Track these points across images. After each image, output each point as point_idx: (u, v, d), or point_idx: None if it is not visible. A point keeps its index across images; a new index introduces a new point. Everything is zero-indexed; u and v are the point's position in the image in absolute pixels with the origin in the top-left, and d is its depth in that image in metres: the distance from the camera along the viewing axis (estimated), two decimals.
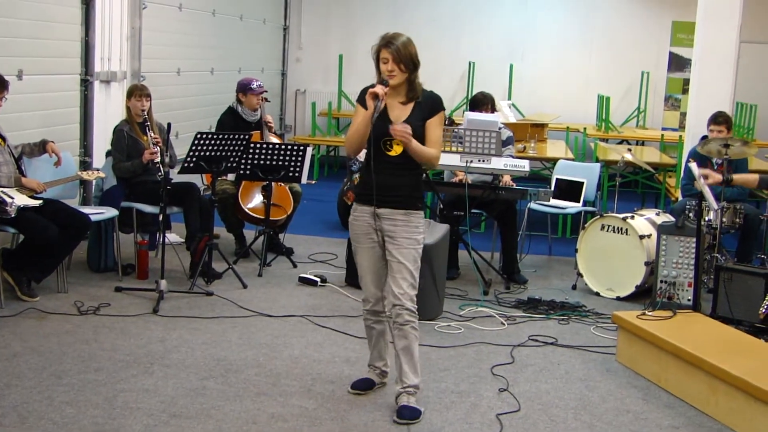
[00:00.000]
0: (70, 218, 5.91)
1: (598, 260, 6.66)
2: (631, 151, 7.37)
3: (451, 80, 12.84)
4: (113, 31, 7.99)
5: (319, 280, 6.55)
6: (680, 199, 7.39)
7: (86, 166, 7.45)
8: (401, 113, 4.27)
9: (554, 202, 7.49)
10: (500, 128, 6.77)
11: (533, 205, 7.47)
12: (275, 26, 13.11)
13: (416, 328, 4.26)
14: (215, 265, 6.50)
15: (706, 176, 6.02)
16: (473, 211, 6.81)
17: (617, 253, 6.53)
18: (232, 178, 7.13)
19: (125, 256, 6.71)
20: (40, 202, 5.75)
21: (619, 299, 6.50)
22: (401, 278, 4.22)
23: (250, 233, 7.41)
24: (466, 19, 13.02)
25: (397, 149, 4.25)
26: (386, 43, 4.20)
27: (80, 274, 6.50)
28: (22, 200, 5.64)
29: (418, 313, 4.27)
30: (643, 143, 12.32)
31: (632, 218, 6.55)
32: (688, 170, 6.80)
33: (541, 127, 10.21)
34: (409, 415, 4.20)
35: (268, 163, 6.83)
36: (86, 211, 6.29)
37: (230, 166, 6.47)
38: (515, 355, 5.22)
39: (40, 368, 4.61)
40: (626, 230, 6.49)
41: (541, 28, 13.08)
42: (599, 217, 6.69)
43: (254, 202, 7.20)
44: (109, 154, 6.98)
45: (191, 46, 9.97)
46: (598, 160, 8.85)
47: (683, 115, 11.97)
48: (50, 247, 5.73)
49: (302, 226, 8.27)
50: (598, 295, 6.61)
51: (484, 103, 7.13)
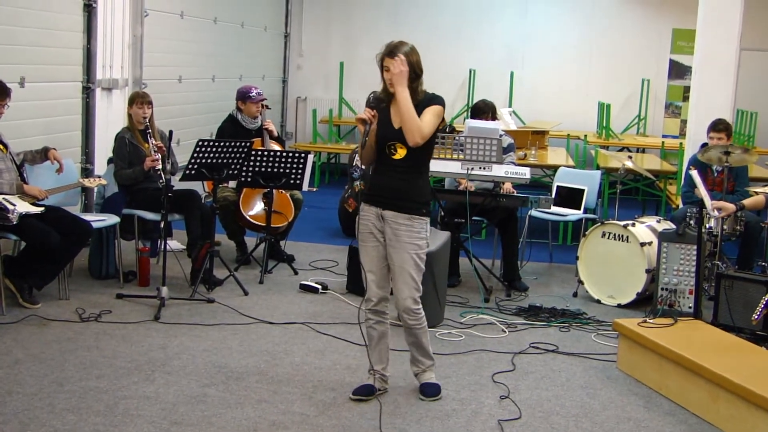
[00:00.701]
0: (71, 225, 5.91)
1: (598, 267, 6.66)
2: (631, 158, 7.39)
3: (451, 88, 12.85)
4: (115, 38, 8.01)
5: (320, 287, 6.55)
6: (681, 206, 7.39)
7: (88, 173, 7.46)
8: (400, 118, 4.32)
9: (555, 209, 7.51)
10: (501, 135, 6.78)
11: (534, 212, 7.48)
12: (276, 34, 13.14)
13: (422, 324, 4.48)
14: (216, 272, 6.51)
15: (720, 209, 6.11)
16: (474, 218, 6.82)
17: (618, 260, 6.53)
18: (233, 185, 7.14)
19: (126, 263, 6.72)
20: (41, 209, 5.76)
21: (620, 306, 6.50)
22: (403, 283, 4.34)
23: (251, 240, 7.42)
24: (466, 26, 13.04)
25: (401, 152, 4.31)
26: (389, 51, 4.25)
27: (81, 281, 6.50)
28: (23, 207, 5.65)
29: None
30: (643, 150, 12.33)
31: (633, 225, 6.56)
32: (688, 177, 6.82)
33: (541, 134, 10.23)
34: (432, 392, 4.55)
35: (269, 170, 6.84)
36: (88, 218, 6.29)
37: (231, 173, 6.48)
38: (516, 362, 5.22)
39: (41, 375, 4.61)
40: (627, 237, 6.49)
41: (541, 35, 13.10)
42: (600, 224, 6.70)
43: (255, 209, 7.21)
44: (110, 161, 6.99)
45: (192, 53, 9.99)
46: (598, 167, 8.85)
47: (684, 122, 11.98)
48: (52, 254, 5.73)
49: (303, 233, 8.28)
50: (599, 302, 6.61)
51: (485, 111, 7.14)
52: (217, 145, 6.27)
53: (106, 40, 7.83)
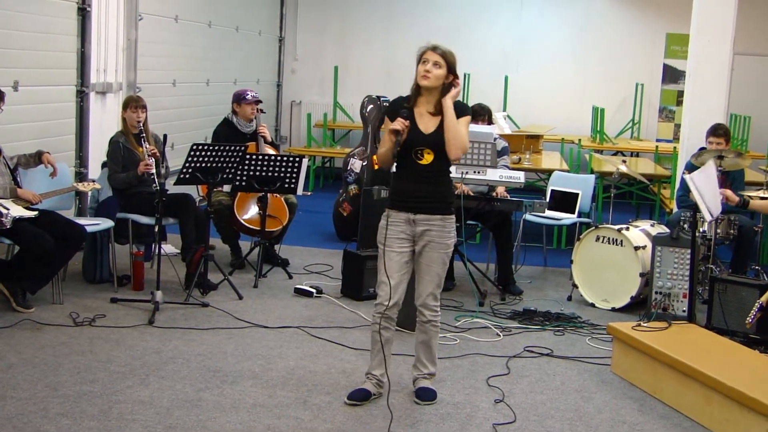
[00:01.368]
0: (65, 229, 5.90)
1: (593, 271, 6.67)
2: (625, 162, 7.39)
3: None
4: (109, 42, 8.01)
5: (314, 291, 6.55)
6: (675, 210, 7.41)
7: (82, 177, 7.46)
8: (429, 124, 4.40)
9: (549, 213, 7.52)
10: (495, 139, 6.79)
11: (528, 216, 7.48)
12: (271, 38, 13.15)
13: (437, 325, 4.56)
14: (211, 276, 6.50)
15: (725, 197, 6.09)
16: (468, 222, 6.83)
17: (612, 264, 6.54)
18: (227, 189, 7.13)
19: (121, 267, 6.71)
20: (35, 213, 5.75)
21: (614, 310, 6.51)
22: (429, 280, 4.46)
23: (245, 244, 7.40)
24: (461, 31, 13.05)
25: (427, 158, 4.39)
26: (433, 46, 4.39)
27: (75, 285, 6.49)
28: (17, 211, 5.64)
29: (410, 323, 4.35)
30: (637, 155, 12.36)
31: (627, 229, 6.56)
32: (683, 182, 6.83)
33: (536, 138, 10.25)
34: (428, 396, 4.55)
35: (263, 174, 6.84)
36: (82, 222, 6.29)
37: (226, 177, 6.48)
38: (511, 366, 5.22)
39: (35, 380, 4.60)
40: (621, 241, 6.51)
41: (536, 39, 13.13)
42: (594, 228, 6.71)
43: (250, 213, 7.21)
44: (104, 165, 6.98)
45: (187, 57, 10.00)
46: (592, 171, 8.87)
47: (677, 126, 12.00)
48: (46, 258, 5.72)
49: (298, 237, 8.27)
50: (593, 306, 6.62)
51: (480, 114, 7.14)
52: (211, 149, 6.27)
53: (100, 43, 7.82)
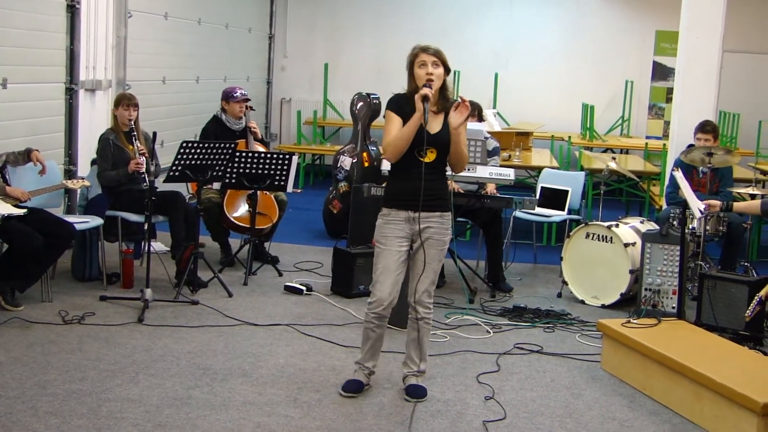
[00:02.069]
0: (54, 227, 5.88)
1: (583, 268, 6.68)
2: (615, 159, 7.42)
3: None
4: (98, 39, 7.97)
5: (304, 288, 6.54)
6: (664, 207, 7.43)
7: (71, 174, 7.42)
8: (434, 123, 4.42)
9: (539, 210, 7.53)
10: (486, 138, 6.79)
11: (518, 213, 7.49)
12: (261, 35, 13.12)
13: (430, 322, 4.58)
14: (200, 273, 6.48)
15: (708, 206, 6.11)
16: (459, 219, 6.83)
17: (602, 261, 6.55)
18: (217, 186, 7.11)
19: (110, 265, 6.69)
20: (24, 211, 5.71)
21: (604, 307, 6.52)
22: (425, 276, 4.47)
23: (235, 242, 7.39)
24: (451, 29, 13.06)
25: (430, 156, 4.41)
26: (423, 47, 4.35)
27: (65, 283, 6.47)
28: (6, 209, 5.61)
29: (401, 321, 4.34)
30: (627, 152, 12.39)
31: (617, 226, 6.58)
32: (672, 179, 6.85)
33: (525, 135, 10.26)
34: (417, 393, 4.54)
35: (253, 171, 6.82)
36: (71, 219, 6.26)
37: (216, 174, 6.46)
38: (501, 363, 5.23)
39: (24, 378, 4.58)
40: (611, 238, 6.52)
41: (526, 37, 13.15)
42: (584, 225, 6.72)
43: (239, 210, 7.19)
44: (94, 162, 6.96)
45: (176, 54, 9.96)
46: (582, 168, 8.88)
47: (667, 123, 12.05)
48: (34, 256, 5.69)
49: (288, 234, 8.26)
50: (583, 303, 6.63)
51: (471, 111, 7.13)
52: (201, 146, 6.25)
53: (89, 41, 7.79)
